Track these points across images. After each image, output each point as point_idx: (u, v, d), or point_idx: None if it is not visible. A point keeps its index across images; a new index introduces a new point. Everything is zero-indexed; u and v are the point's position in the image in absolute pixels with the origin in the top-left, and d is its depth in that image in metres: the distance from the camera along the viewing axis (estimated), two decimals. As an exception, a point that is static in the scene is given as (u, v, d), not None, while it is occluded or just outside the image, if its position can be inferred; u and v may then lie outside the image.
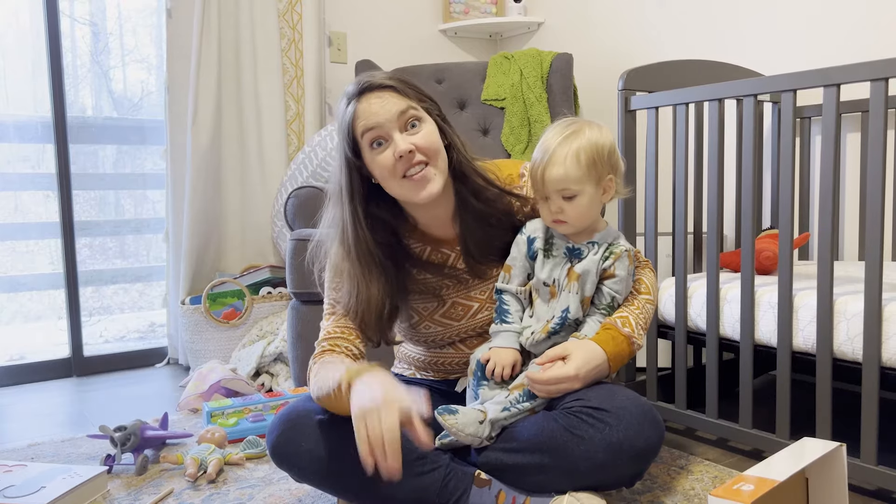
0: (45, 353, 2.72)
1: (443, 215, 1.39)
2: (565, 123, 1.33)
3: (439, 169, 1.30)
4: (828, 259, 1.49)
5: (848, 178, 2.18)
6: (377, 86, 1.28)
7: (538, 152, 1.31)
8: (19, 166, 2.65)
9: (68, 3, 2.67)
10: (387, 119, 1.26)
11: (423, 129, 1.29)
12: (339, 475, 1.27)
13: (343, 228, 1.34)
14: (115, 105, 2.82)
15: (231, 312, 2.61)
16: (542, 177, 1.30)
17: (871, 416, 1.44)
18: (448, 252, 1.41)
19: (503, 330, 1.36)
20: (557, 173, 1.28)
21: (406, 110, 1.28)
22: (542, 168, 1.30)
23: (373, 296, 1.33)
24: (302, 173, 2.59)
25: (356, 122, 1.27)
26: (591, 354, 1.29)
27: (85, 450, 1.88)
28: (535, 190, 1.33)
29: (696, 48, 2.59)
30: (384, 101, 1.27)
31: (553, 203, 1.31)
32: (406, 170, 1.27)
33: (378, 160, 1.28)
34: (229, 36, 2.76)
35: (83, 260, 2.76)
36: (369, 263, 1.33)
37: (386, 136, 1.27)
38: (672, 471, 1.65)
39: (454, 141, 1.36)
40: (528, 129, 2.75)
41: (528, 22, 3.22)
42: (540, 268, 1.36)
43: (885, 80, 1.39)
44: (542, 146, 1.31)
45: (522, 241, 1.38)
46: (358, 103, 1.28)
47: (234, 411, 1.98)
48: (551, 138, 1.31)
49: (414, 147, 1.27)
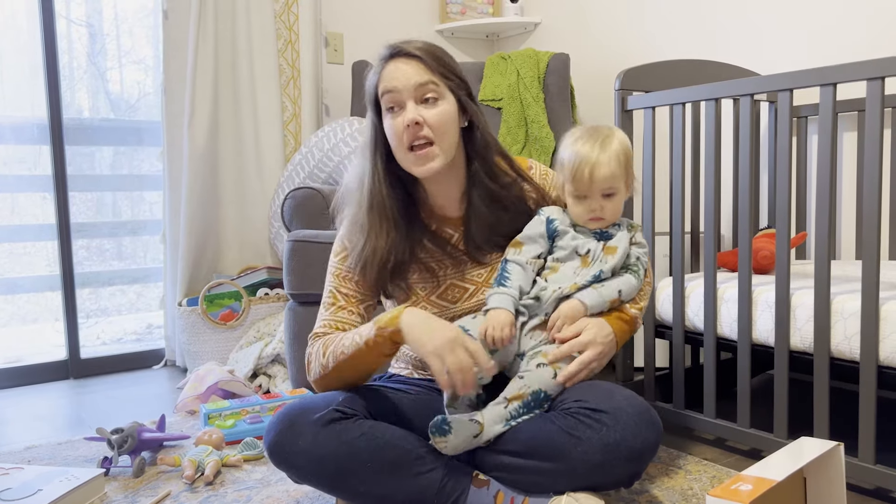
0: (42, 356, 2.71)
1: (452, 193, 1.42)
2: (593, 129, 1.39)
3: (443, 150, 1.33)
4: (825, 258, 1.49)
5: (845, 177, 2.18)
6: (406, 53, 1.32)
7: (577, 155, 1.35)
8: (16, 168, 2.65)
9: (64, 5, 2.67)
10: (404, 87, 1.30)
11: (438, 106, 1.32)
12: (337, 475, 1.27)
13: (362, 180, 1.39)
14: (112, 106, 2.82)
15: (228, 314, 2.61)
16: (590, 177, 1.34)
17: (868, 415, 1.44)
18: (451, 231, 1.44)
19: (499, 292, 1.35)
20: (605, 173, 1.34)
21: (426, 83, 1.31)
22: (589, 169, 1.34)
23: (379, 247, 1.36)
24: (299, 174, 2.58)
25: (380, 82, 1.33)
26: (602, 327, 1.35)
27: (82, 452, 1.87)
28: (576, 189, 1.36)
29: (693, 48, 2.59)
30: (408, 68, 1.31)
31: (593, 202, 1.37)
32: (412, 141, 1.31)
33: (389, 124, 1.33)
34: (226, 37, 2.75)
35: (80, 262, 2.75)
36: (381, 215, 1.37)
37: (401, 102, 1.31)
38: (670, 470, 1.65)
39: (478, 120, 1.38)
40: (524, 130, 2.75)
41: (525, 22, 3.22)
42: (570, 241, 1.40)
43: (882, 79, 1.39)
44: (578, 150, 1.36)
45: (540, 222, 1.41)
46: (385, 65, 1.33)
47: (232, 413, 1.98)
48: (587, 142, 1.36)
49: (422, 120, 1.30)
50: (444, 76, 1.33)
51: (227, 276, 2.73)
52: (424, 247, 1.43)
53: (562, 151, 1.39)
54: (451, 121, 1.34)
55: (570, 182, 1.37)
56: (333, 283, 1.43)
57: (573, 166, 1.36)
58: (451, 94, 1.34)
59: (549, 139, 2.70)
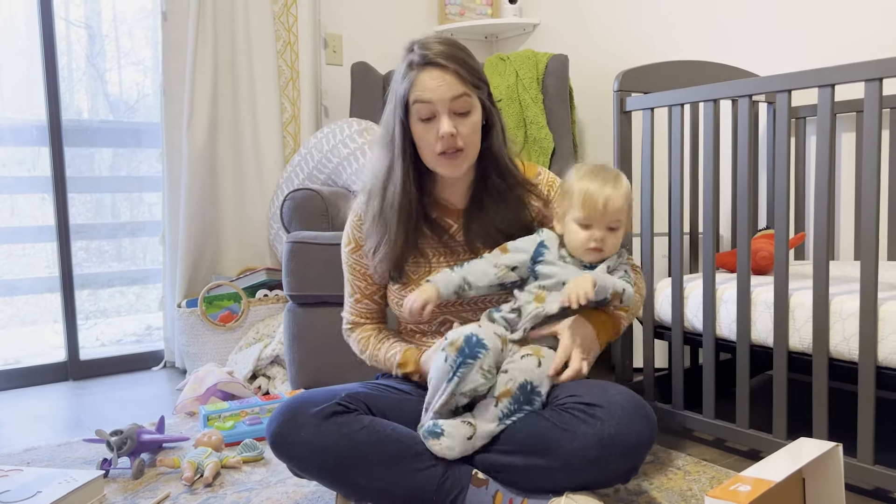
0: (42, 357, 2.71)
1: (460, 187, 1.46)
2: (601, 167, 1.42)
3: (470, 156, 1.39)
4: (823, 259, 1.49)
5: (843, 178, 2.18)
6: (440, 64, 1.33)
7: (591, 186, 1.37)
8: (15, 169, 2.65)
9: (63, 6, 2.67)
10: (440, 99, 1.33)
11: (470, 119, 1.36)
12: (337, 467, 1.28)
13: (391, 180, 1.41)
14: (111, 108, 2.82)
15: (227, 315, 2.61)
16: (604, 206, 1.35)
17: (867, 416, 1.44)
18: (451, 222, 1.48)
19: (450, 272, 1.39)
20: (618, 204, 1.37)
21: (460, 96, 1.34)
22: (603, 199, 1.35)
23: (398, 246, 1.42)
24: (298, 175, 2.58)
25: (412, 90, 1.34)
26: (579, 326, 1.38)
27: (81, 454, 1.87)
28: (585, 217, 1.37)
29: (692, 49, 2.59)
30: (444, 80, 1.33)
31: (598, 231, 1.37)
32: (444, 149, 1.35)
33: (421, 131, 1.36)
34: (225, 38, 2.75)
35: (79, 263, 2.75)
36: (406, 217, 1.41)
37: (435, 113, 1.34)
38: (669, 471, 1.65)
39: (496, 122, 1.43)
40: (524, 131, 2.75)
41: (524, 23, 3.22)
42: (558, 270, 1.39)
43: (880, 80, 1.39)
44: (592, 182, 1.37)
45: (533, 241, 1.42)
46: (419, 73, 1.34)
47: (231, 414, 1.98)
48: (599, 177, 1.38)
49: (456, 133, 1.34)
50: (475, 86, 1.36)
51: (226, 278, 2.73)
52: (423, 233, 1.46)
53: (572, 183, 1.40)
54: (478, 129, 1.39)
55: (579, 209, 1.37)
56: (349, 275, 1.53)
57: (586, 194, 1.37)
58: (479, 102, 1.38)
59: (547, 140, 2.70)
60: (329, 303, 2.10)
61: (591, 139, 3.03)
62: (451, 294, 1.39)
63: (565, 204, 1.41)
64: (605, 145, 2.96)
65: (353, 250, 1.51)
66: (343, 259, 1.54)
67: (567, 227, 1.41)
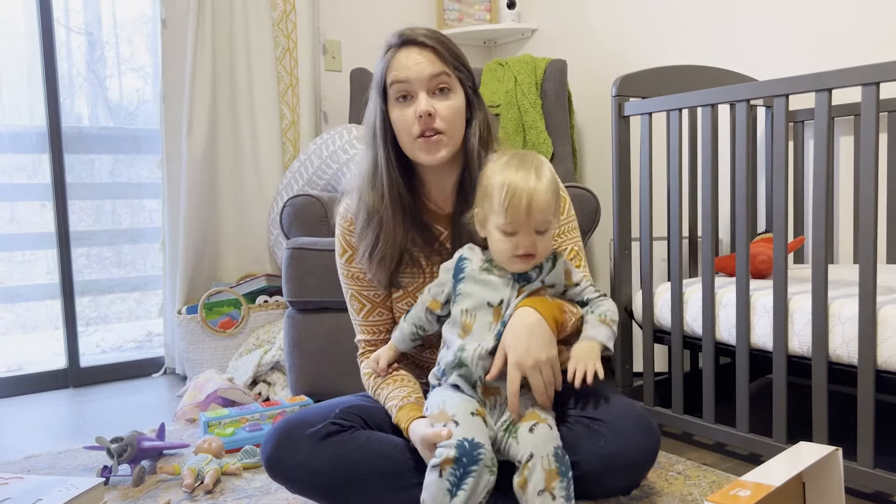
0: (42, 364, 2.71)
1: (446, 186, 1.39)
2: (521, 155, 1.25)
3: (452, 140, 1.31)
4: (822, 262, 1.49)
5: (842, 181, 2.19)
6: (419, 42, 1.29)
7: (510, 184, 1.19)
8: (15, 176, 2.65)
9: (63, 13, 2.68)
10: (417, 77, 1.28)
11: (450, 98, 1.30)
12: (333, 488, 1.27)
13: (377, 170, 1.35)
14: (111, 114, 2.83)
15: (227, 321, 2.61)
16: (527, 209, 1.19)
17: (867, 420, 1.44)
18: (441, 229, 1.41)
19: (402, 324, 1.37)
20: (543, 204, 1.20)
21: (439, 74, 1.29)
22: (527, 199, 1.19)
23: (397, 238, 1.35)
24: (297, 181, 2.59)
25: (389, 71, 1.30)
26: (521, 326, 1.21)
27: (81, 461, 1.87)
28: (508, 222, 1.21)
29: (689, 53, 2.60)
30: (421, 58, 1.28)
31: (525, 238, 1.21)
32: (422, 131, 1.28)
33: (399, 114, 1.30)
34: (224, 45, 2.76)
35: (79, 270, 2.76)
36: (398, 206, 1.34)
37: (412, 92, 1.29)
38: (669, 476, 1.65)
39: (478, 115, 1.35)
40: (522, 136, 2.75)
41: (522, 28, 3.22)
42: (477, 289, 1.27)
43: (877, 84, 1.39)
44: (511, 178, 1.20)
45: (452, 263, 1.32)
46: (396, 52, 1.30)
47: (231, 421, 1.98)
48: (520, 170, 1.21)
49: (434, 112, 1.28)
50: (455, 67, 1.31)
51: (226, 284, 2.73)
52: (414, 240, 1.39)
53: (488, 178, 1.24)
54: (460, 114, 1.32)
55: (500, 214, 1.20)
56: (352, 287, 1.44)
57: (507, 196, 1.19)
58: (461, 87, 1.33)
59: (546, 145, 2.71)
60: (329, 309, 2.11)
61: (589, 144, 3.04)
62: (409, 347, 1.38)
63: (486, 206, 1.24)
64: (603, 150, 2.97)
65: (350, 259, 1.43)
66: (341, 272, 1.46)
67: (490, 234, 1.25)
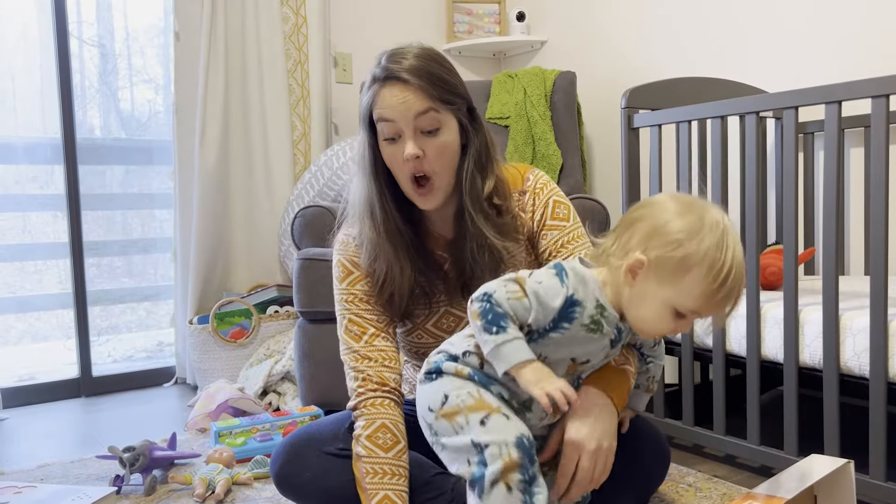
0: (54, 374, 2.72)
1: (447, 211, 1.32)
2: (716, 215, 1.01)
3: (443, 184, 1.25)
4: (833, 274, 1.49)
5: (853, 192, 2.18)
6: (402, 79, 1.21)
7: (731, 259, 0.97)
8: (28, 187, 2.68)
9: (77, 25, 2.71)
10: (402, 117, 1.20)
11: (438, 137, 1.22)
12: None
13: (371, 206, 1.28)
14: (123, 125, 2.85)
15: (238, 332, 2.62)
16: (737, 295, 1.00)
17: (878, 432, 1.43)
18: (444, 255, 1.35)
19: (516, 337, 1.03)
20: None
21: (426, 111, 1.21)
22: (739, 287, 1.00)
23: (406, 275, 1.28)
24: (308, 192, 2.60)
25: (374, 107, 1.23)
26: (589, 407, 1.11)
27: (94, 470, 1.88)
28: (700, 307, 1.00)
29: (699, 65, 2.61)
30: (405, 96, 1.20)
31: (691, 319, 1.03)
32: (413, 173, 1.23)
33: (389, 152, 1.24)
34: (236, 57, 2.79)
35: (91, 279, 2.77)
36: (398, 243, 1.28)
37: (398, 132, 1.22)
38: (680, 488, 1.64)
39: (474, 141, 1.27)
40: (532, 147, 2.76)
41: (532, 41, 3.24)
42: (572, 346, 1.08)
43: (886, 96, 1.40)
44: (728, 260, 0.97)
45: (559, 293, 1.05)
46: (380, 88, 1.22)
47: (242, 431, 1.99)
48: (732, 243, 0.99)
49: (422, 155, 1.21)
50: (443, 101, 1.22)
51: (237, 294, 2.74)
52: (421, 270, 1.32)
53: (681, 240, 0.98)
54: (452, 150, 1.25)
55: (694, 296, 0.98)
56: (353, 309, 1.32)
57: (723, 281, 0.97)
58: (452, 118, 1.25)
59: (556, 156, 2.71)
60: (339, 319, 2.11)
61: (599, 155, 3.05)
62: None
63: (664, 273, 0.99)
64: (613, 161, 2.97)
65: (354, 280, 1.32)
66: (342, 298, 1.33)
67: (645, 298, 1.02)
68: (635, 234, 1.02)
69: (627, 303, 1.04)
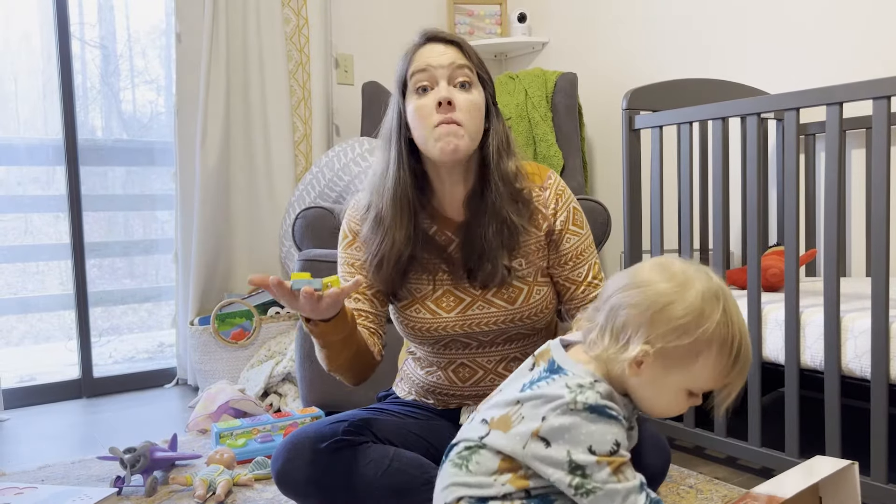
0: (56, 375, 2.73)
1: (457, 193, 1.34)
2: (711, 279, 0.94)
3: (469, 135, 1.26)
4: (834, 276, 1.49)
5: (854, 194, 2.18)
6: (443, 38, 1.28)
7: (742, 333, 0.93)
8: (30, 188, 2.68)
9: (79, 27, 2.71)
10: (439, 65, 1.26)
11: (471, 93, 1.27)
12: (345, 503, 1.26)
13: (387, 169, 1.31)
14: (125, 126, 2.86)
15: (239, 333, 2.62)
16: (742, 369, 0.94)
17: (880, 434, 1.43)
18: (451, 236, 1.36)
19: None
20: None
21: (462, 66, 1.27)
22: (750, 356, 0.94)
23: (398, 240, 1.30)
24: (310, 193, 2.60)
25: (411, 65, 1.28)
26: None
27: (95, 471, 1.88)
28: (715, 382, 0.95)
29: (700, 67, 2.61)
30: (445, 50, 1.27)
31: (700, 397, 0.97)
32: (441, 121, 1.24)
33: (417, 104, 1.26)
34: (237, 58, 2.79)
35: (92, 280, 2.78)
36: (403, 207, 1.30)
37: (433, 82, 1.26)
38: (681, 490, 1.64)
39: (496, 126, 1.32)
40: (533, 148, 2.76)
41: (533, 42, 3.24)
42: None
43: (888, 98, 1.39)
44: (738, 335, 0.92)
45: (615, 425, 0.90)
46: (419, 49, 1.29)
47: (243, 432, 1.99)
48: (736, 312, 0.93)
49: (454, 101, 1.24)
50: (479, 68, 1.30)
51: (238, 295, 2.74)
52: (423, 246, 1.34)
53: (703, 326, 0.90)
54: (480, 110, 1.29)
55: (711, 376, 0.92)
56: (342, 273, 1.39)
57: (738, 348, 0.91)
58: (482, 88, 1.30)
59: (557, 157, 2.72)
60: (340, 320, 2.11)
61: (600, 156, 3.05)
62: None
63: (672, 361, 0.91)
64: (614, 162, 2.97)
65: (349, 244, 1.39)
66: (339, 260, 1.41)
67: (655, 385, 0.94)
68: (630, 322, 0.92)
69: (634, 391, 0.96)
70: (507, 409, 0.95)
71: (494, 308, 1.35)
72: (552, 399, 0.90)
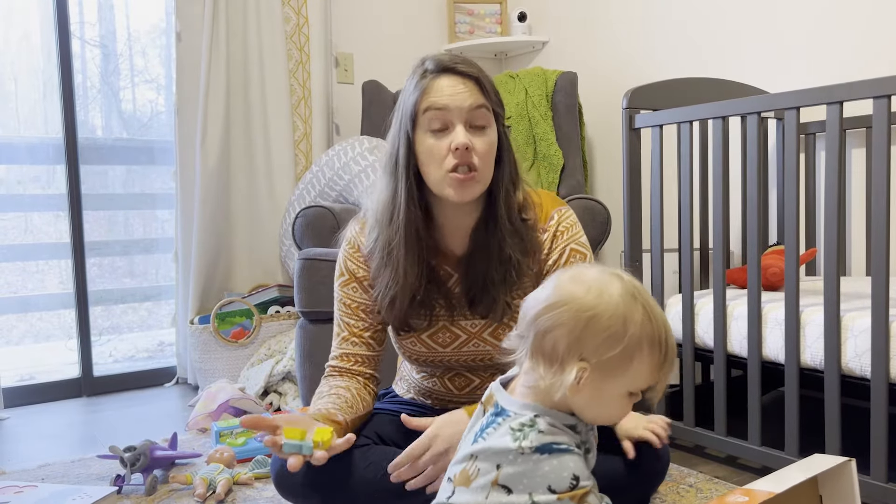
0: (55, 373, 2.73)
1: (462, 227, 1.31)
2: (630, 282, 0.93)
3: (483, 179, 1.23)
4: (834, 275, 1.49)
5: (854, 193, 2.18)
6: (460, 72, 1.20)
7: (664, 340, 0.92)
8: (30, 187, 2.68)
9: (79, 26, 2.71)
10: (457, 107, 1.19)
11: (487, 135, 1.22)
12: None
13: (396, 204, 1.25)
14: (125, 125, 2.86)
15: (239, 332, 2.62)
16: (672, 359, 0.94)
17: (880, 433, 1.43)
18: (450, 271, 1.34)
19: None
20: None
21: (480, 107, 1.20)
22: (674, 346, 0.94)
23: (410, 278, 1.26)
24: (310, 193, 2.60)
25: (424, 97, 1.20)
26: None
27: (95, 470, 1.88)
28: (648, 381, 0.94)
29: (700, 66, 2.61)
30: (464, 88, 1.20)
31: (636, 397, 0.96)
32: (456, 165, 1.19)
33: (430, 144, 1.21)
34: (237, 57, 2.79)
35: (92, 279, 2.78)
36: (414, 245, 1.26)
37: (448, 123, 1.20)
38: (681, 489, 1.64)
39: (507, 156, 1.27)
40: (533, 147, 2.76)
41: (533, 41, 3.24)
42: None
43: (888, 97, 1.39)
44: (663, 331, 0.92)
45: (571, 460, 0.91)
46: (434, 79, 1.20)
47: (243, 431, 1.99)
48: (657, 309, 0.93)
49: (472, 147, 1.19)
50: (496, 104, 1.24)
51: (238, 294, 2.74)
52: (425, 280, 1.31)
53: (622, 324, 0.89)
54: (494, 154, 1.24)
55: (646, 375, 0.92)
56: (338, 311, 1.38)
57: (665, 341, 0.92)
58: (496, 125, 1.25)
59: (557, 157, 2.72)
60: (340, 319, 2.11)
61: (600, 155, 3.05)
62: None
63: (608, 370, 0.90)
64: (614, 161, 2.97)
65: (345, 283, 1.36)
66: (335, 295, 1.39)
67: (598, 396, 0.92)
68: (559, 343, 0.90)
69: (580, 409, 0.94)
70: (465, 464, 0.95)
71: (489, 346, 1.34)
72: (501, 452, 0.91)
